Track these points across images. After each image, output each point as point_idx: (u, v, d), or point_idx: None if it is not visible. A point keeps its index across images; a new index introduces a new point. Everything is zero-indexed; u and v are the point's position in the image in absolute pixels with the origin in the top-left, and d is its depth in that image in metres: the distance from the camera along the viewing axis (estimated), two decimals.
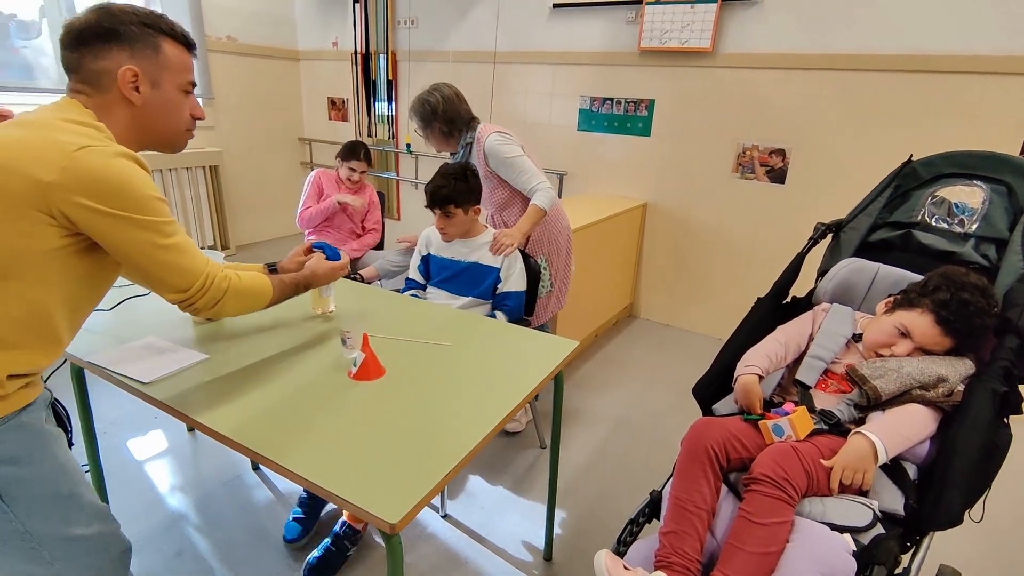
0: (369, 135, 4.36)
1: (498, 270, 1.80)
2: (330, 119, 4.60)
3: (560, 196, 3.50)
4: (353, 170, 2.66)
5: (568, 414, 2.35)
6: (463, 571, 1.57)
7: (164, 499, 1.77)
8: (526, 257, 1.86)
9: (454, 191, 1.70)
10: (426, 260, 1.92)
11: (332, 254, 1.44)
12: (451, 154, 2.09)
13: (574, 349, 1.37)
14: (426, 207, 1.77)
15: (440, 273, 1.87)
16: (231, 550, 1.59)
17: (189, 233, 3.95)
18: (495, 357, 1.29)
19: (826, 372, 1.29)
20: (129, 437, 2.06)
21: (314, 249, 1.42)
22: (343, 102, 4.46)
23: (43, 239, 0.80)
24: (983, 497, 1.12)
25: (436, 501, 1.79)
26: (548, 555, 1.61)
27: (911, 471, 1.09)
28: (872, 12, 2.46)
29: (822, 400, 1.25)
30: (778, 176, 2.85)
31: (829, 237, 1.63)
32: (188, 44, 0.99)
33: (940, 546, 1.66)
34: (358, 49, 4.14)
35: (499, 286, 1.80)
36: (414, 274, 1.93)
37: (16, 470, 0.83)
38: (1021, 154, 2.32)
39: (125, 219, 0.84)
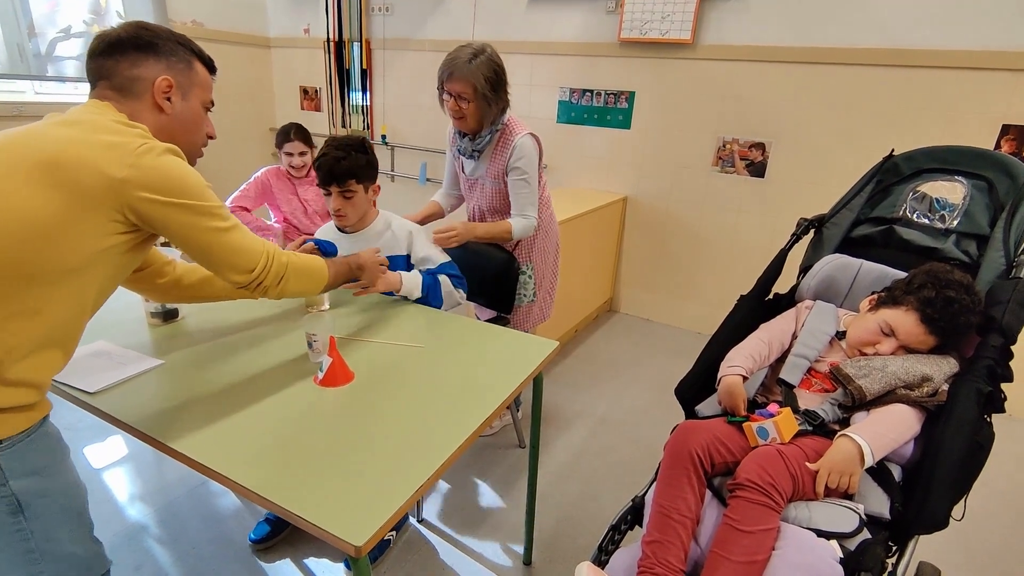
0: (343, 125, 4.24)
1: (406, 256, 1.58)
2: (303, 109, 4.45)
3: None
4: (291, 154, 2.45)
5: (547, 413, 2.31)
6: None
7: (123, 510, 1.68)
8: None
9: (355, 164, 1.44)
10: (393, 265, 1.69)
11: (330, 249, 1.40)
12: (471, 138, 1.77)
13: (554, 348, 1.32)
14: (319, 185, 1.50)
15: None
16: (195, 563, 1.51)
17: None
18: (470, 359, 1.24)
19: (810, 371, 1.27)
20: (86, 443, 1.95)
21: (315, 246, 1.39)
22: (316, 91, 4.32)
23: (101, 237, 0.82)
24: (965, 496, 1.11)
25: None
26: (528, 560, 1.57)
27: (896, 472, 1.07)
28: (854, 5, 2.45)
29: (806, 400, 1.22)
30: (758, 170, 2.83)
31: (811, 233, 1.61)
32: (212, 68, 1.04)
33: (919, 543, 1.68)
34: (331, 36, 4.00)
35: (420, 268, 1.57)
36: None
37: (40, 481, 0.82)
38: (996, 149, 2.34)
39: (189, 207, 0.87)
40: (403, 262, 1.59)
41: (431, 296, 1.50)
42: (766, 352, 1.28)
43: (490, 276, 1.86)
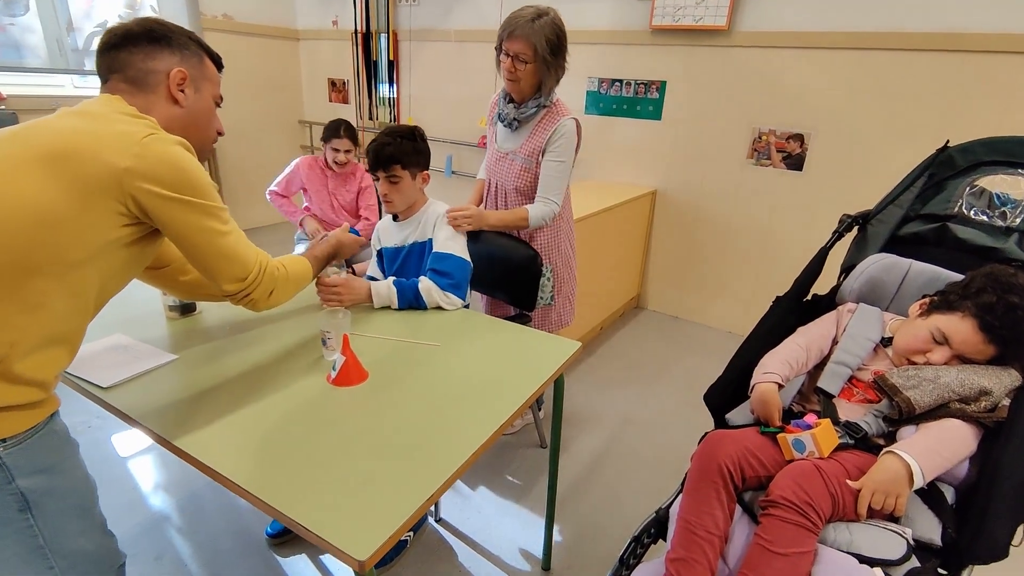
0: (370, 117, 4.23)
1: (432, 240, 1.55)
2: (330, 101, 4.47)
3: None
4: (337, 150, 2.50)
5: (570, 412, 2.25)
6: None
7: (147, 498, 1.70)
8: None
9: (400, 150, 1.46)
10: (380, 256, 1.69)
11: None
12: (516, 105, 1.70)
13: (577, 349, 1.26)
14: (367, 171, 1.53)
15: (391, 266, 1.65)
16: (213, 554, 1.51)
17: None
18: (488, 359, 1.19)
19: (851, 380, 1.18)
20: (116, 431, 1.98)
21: None
22: (344, 83, 4.32)
23: (105, 229, 0.81)
24: None
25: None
26: (547, 564, 1.53)
27: (948, 494, 0.98)
28: None
29: (847, 411, 1.14)
30: (795, 163, 2.70)
31: (855, 230, 1.50)
32: (219, 64, 1.04)
33: (983, 571, 1.57)
34: (358, 28, 3.99)
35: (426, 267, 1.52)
36: (373, 271, 1.73)
37: (48, 479, 0.81)
38: None
39: (191, 204, 0.85)
40: (428, 248, 1.56)
41: (415, 304, 1.43)
42: (804, 358, 1.20)
43: (512, 272, 1.80)
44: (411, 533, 1.57)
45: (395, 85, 4.03)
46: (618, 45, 3.01)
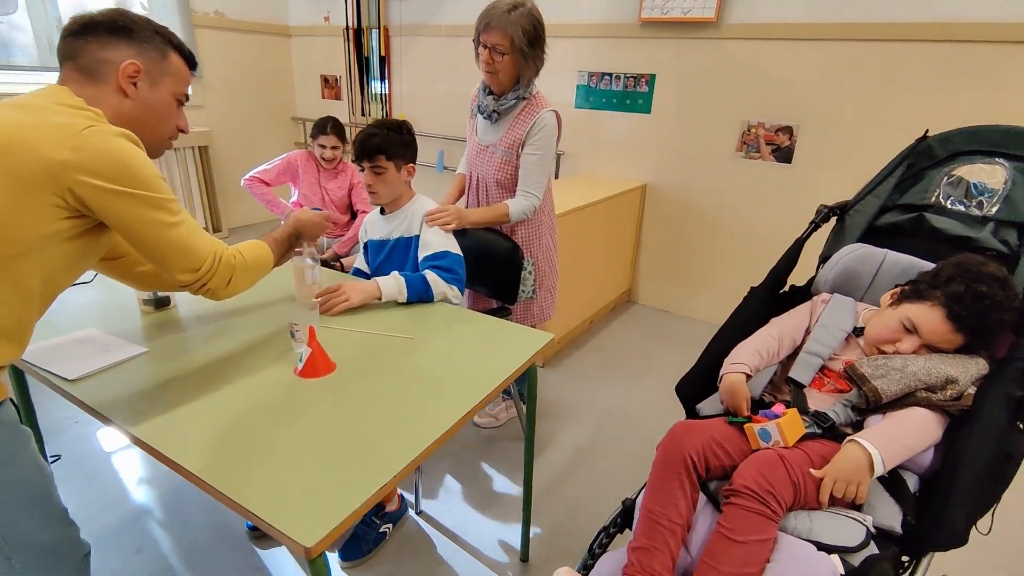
0: (363, 114, 4.23)
1: (419, 236, 1.56)
2: (323, 97, 4.47)
3: (556, 176, 3.36)
4: (324, 147, 2.51)
5: (555, 405, 2.25)
6: (435, 572, 1.49)
7: (130, 493, 1.71)
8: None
9: (386, 141, 1.48)
10: (367, 248, 1.71)
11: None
12: (496, 96, 1.70)
13: (550, 340, 1.27)
14: (353, 161, 1.54)
15: (376, 259, 1.66)
16: (193, 548, 1.52)
17: None
18: (459, 351, 1.19)
19: (823, 369, 1.18)
20: (101, 427, 1.99)
21: None
22: (336, 79, 4.32)
23: (42, 223, 0.79)
24: (992, 509, 1.01)
25: (410, 496, 1.72)
26: (524, 556, 1.53)
27: (911, 482, 0.98)
28: None
29: (817, 400, 1.14)
30: (785, 155, 2.69)
31: (833, 221, 1.50)
32: (192, 62, 1.02)
33: (944, 556, 1.56)
34: (350, 24, 3.98)
35: (420, 253, 1.53)
36: (360, 264, 1.74)
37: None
38: None
39: (134, 197, 0.84)
40: (415, 244, 1.56)
41: (422, 298, 1.42)
42: (775, 348, 1.19)
43: (493, 264, 1.80)
44: (390, 525, 1.58)
45: (387, 81, 4.02)
46: (607, 38, 3.00)
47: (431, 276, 1.43)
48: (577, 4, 3.03)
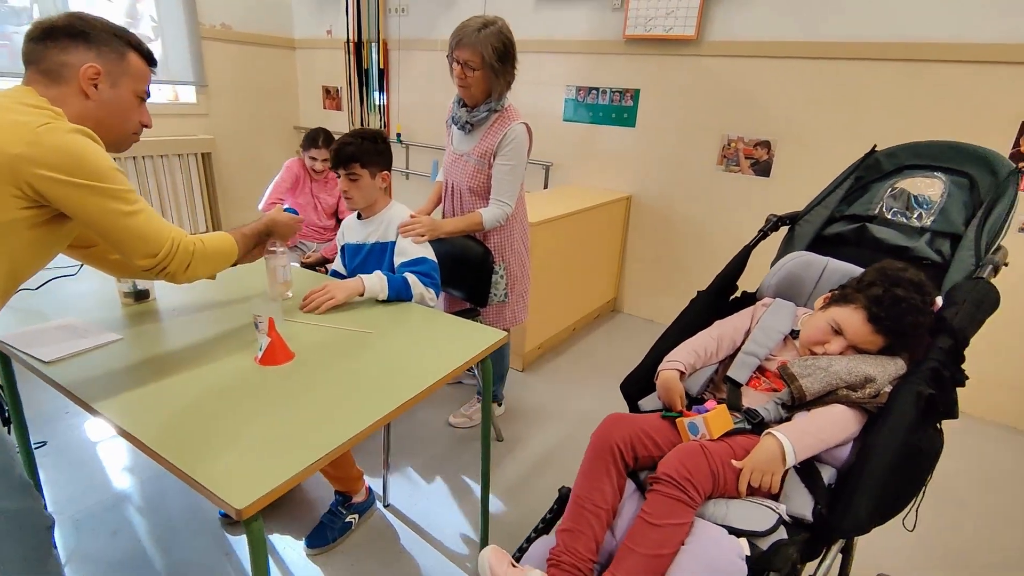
0: (362, 123, 4.35)
1: (394, 243, 1.62)
2: (325, 108, 4.60)
3: (546, 187, 3.45)
4: (314, 159, 2.59)
5: (531, 409, 2.31)
6: (397, 561, 1.54)
7: (111, 480, 1.78)
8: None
9: (360, 149, 1.55)
10: (343, 251, 1.78)
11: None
12: (469, 108, 1.79)
13: (500, 339, 1.33)
14: (331, 169, 1.63)
15: (352, 262, 1.73)
16: (167, 532, 1.59)
17: (181, 220, 4.01)
18: (415, 345, 1.26)
19: (761, 369, 1.24)
20: (89, 417, 2.07)
21: None
22: (337, 91, 4.45)
23: (4, 210, 0.85)
24: (915, 505, 1.06)
25: (379, 489, 1.78)
26: (484, 547, 1.58)
27: (827, 474, 1.03)
28: None
29: (752, 398, 1.19)
30: (763, 169, 2.75)
31: (785, 230, 1.56)
32: (151, 60, 1.07)
33: (880, 555, 1.61)
34: (350, 37, 4.12)
35: (397, 259, 1.59)
36: (337, 266, 1.82)
37: None
38: (1015, 147, 2.20)
39: (90, 188, 0.89)
40: (390, 249, 1.64)
41: (400, 296, 1.50)
42: (713, 348, 1.25)
43: (466, 268, 1.88)
44: (356, 516, 1.64)
45: (385, 93, 4.15)
46: (594, 54, 3.09)
47: (411, 278, 1.51)
48: (565, 21, 3.13)
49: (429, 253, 1.63)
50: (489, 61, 1.66)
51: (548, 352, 2.81)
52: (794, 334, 1.27)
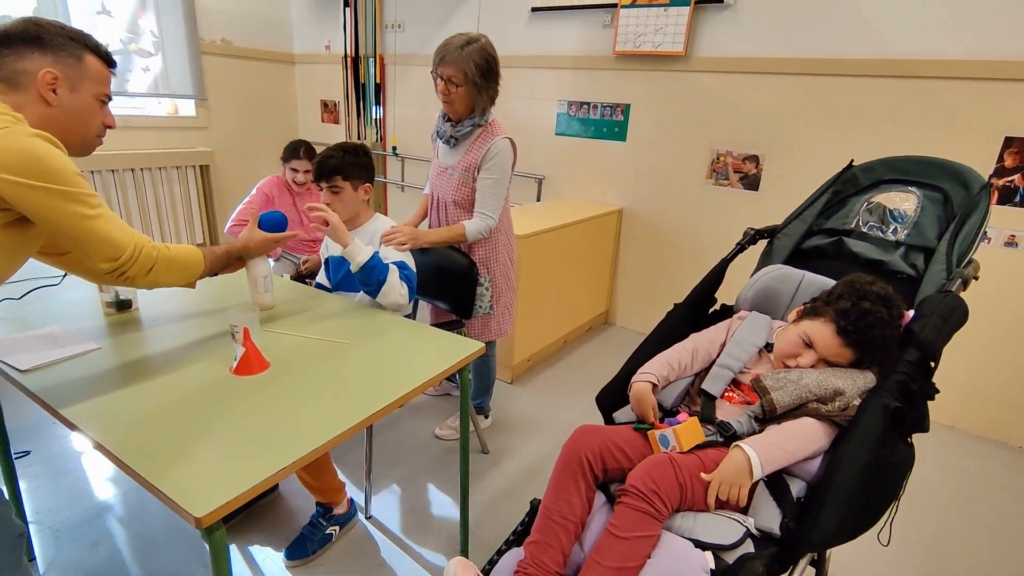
0: (359, 137, 4.40)
1: (377, 253, 1.58)
2: (323, 121, 4.65)
3: (538, 199, 3.47)
4: (296, 171, 2.54)
5: (518, 421, 2.31)
6: (377, 574, 1.54)
7: (94, 490, 1.78)
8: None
9: (342, 162, 1.58)
10: (327, 263, 1.79)
11: (278, 220, 1.46)
12: (453, 123, 1.81)
13: (478, 350, 1.33)
14: (313, 182, 1.65)
15: (336, 274, 1.74)
16: (147, 542, 1.59)
17: (179, 231, 4.04)
18: (391, 355, 1.27)
19: (736, 383, 1.24)
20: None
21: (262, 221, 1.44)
22: (335, 104, 4.51)
23: None
24: (889, 519, 1.06)
25: (361, 501, 1.77)
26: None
27: (797, 488, 1.03)
28: (847, 15, 2.39)
29: (726, 411, 1.19)
30: (752, 183, 2.77)
31: (764, 243, 1.57)
32: (109, 61, 1.07)
33: (857, 570, 1.59)
34: (348, 52, 4.18)
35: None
36: (321, 279, 1.83)
37: None
38: (999, 162, 2.22)
39: (49, 191, 0.89)
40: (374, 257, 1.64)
41: (372, 274, 1.48)
42: (688, 360, 1.26)
43: (451, 280, 1.89)
44: (337, 527, 1.63)
45: (382, 107, 4.20)
46: (585, 70, 3.14)
47: (392, 268, 1.52)
48: (557, 37, 3.18)
49: (410, 261, 1.65)
50: (472, 78, 1.69)
51: (538, 364, 2.81)
52: (769, 347, 1.27)
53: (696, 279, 3.16)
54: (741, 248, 1.50)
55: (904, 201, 1.40)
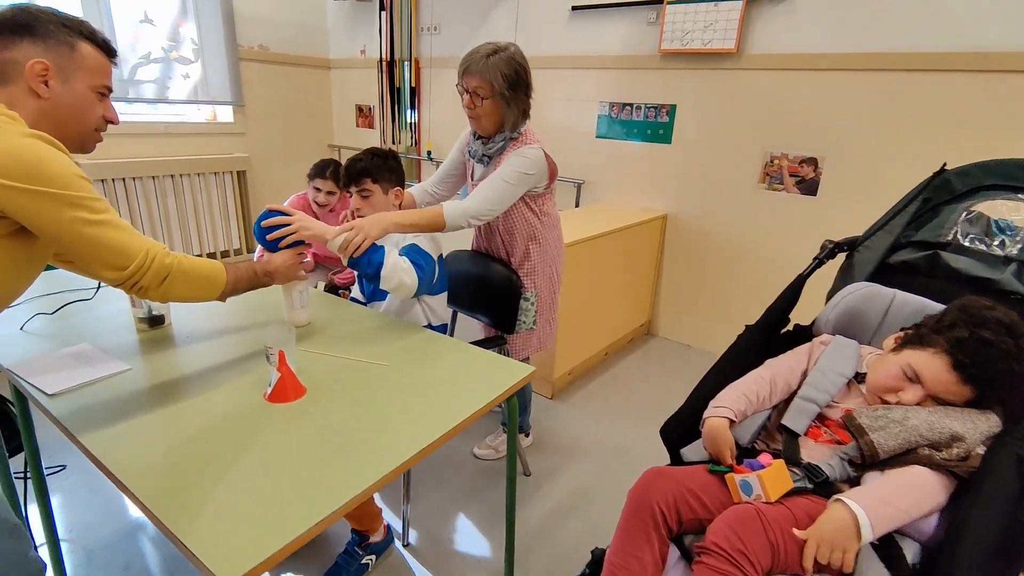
0: (393, 141, 4.35)
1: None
2: (357, 126, 4.63)
3: (577, 205, 3.34)
4: (318, 190, 2.34)
5: (560, 439, 2.18)
6: None
7: (127, 506, 1.74)
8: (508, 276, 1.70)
9: (371, 165, 1.51)
10: (360, 277, 1.72)
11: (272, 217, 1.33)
12: (483, 140, 1.66)
13: (529, 373, 1.22)
14: (342, 187, 1.56)
15: (369, 286, 1.65)
16: (179, 565, 1.53)
17: (216, 238, 4.06)
18: (434, 380, 1.17)
19: (821, 418, 1.09)
20: None
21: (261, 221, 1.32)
22: (370, 109, 4.48)
23: None
24: None
25: (399, 527, 1.68)
26: None
27: (911, 551, 0.88)
28: (921, 3, 2.19)
29: (812, 451, 1.05)
30: (809, 187, 2.59)
31: (842, 258, 1.41)
32: (108, 51, 0.98)
33: None
34: (383, 57, 4.14)
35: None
36: (356, 293, 1.74)
37: None
38: None
39: (46, 195, 0.81)
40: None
41: (362, 260, 1.36)
42: (766, 392, 1.12)
43: (491, 291, 1.78)
44: (373, 557, 1.54)
45: (416, 111, 4.14)
46: (628, 69, 3.00)
47: (391, 259, 1.37)
48: (600, 36, 3.05)
49: (425, 245, 1.51)
50: (499, 89, 1.53)
51: (579, 378, 2.68)
52: (859, 377, 1.12)
53: (746, 288, 2.97)
54: (819, 262, 1.35)
55: (1013, 211, 1.22)
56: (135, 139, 3.58)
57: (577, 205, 3.35)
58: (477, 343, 1.75)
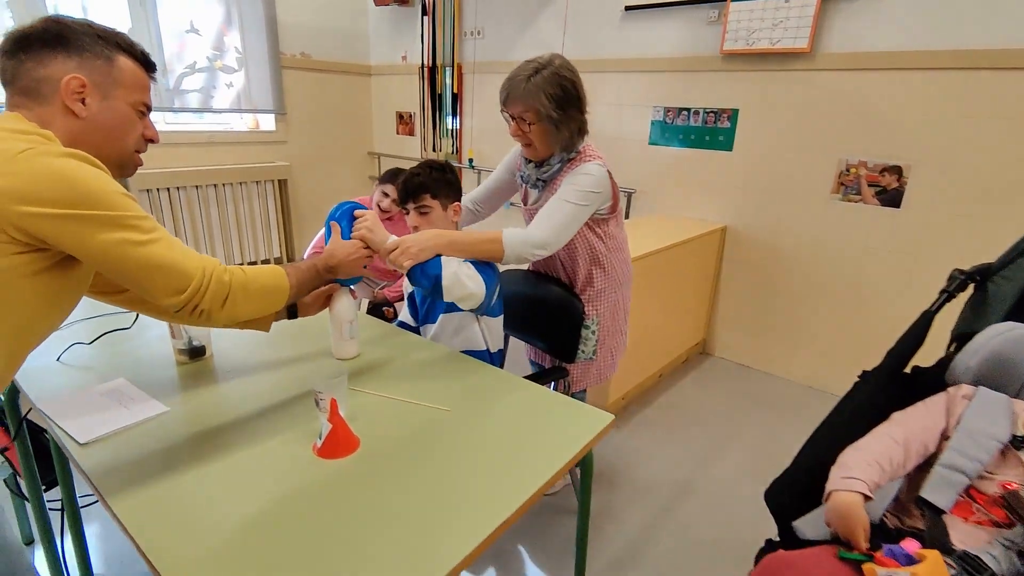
0: (434, 149, 4.26)
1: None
2: (398, 133, 4.56)
3: (627, 216, 3.17)
4: (386, 195, 2.35)
5: (617, 473, 2.02)
6: None
7: None
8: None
9: (430, 179, 1.39)
10: (411, 299, 1.60)
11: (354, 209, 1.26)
12: (537, 164, 1.52)
13: (609, 422, 1.07)
14: (398, 205, 1.43)
15: (423, 307, 1.55)
16: None
17: (257, 247, 4.04)
18: (504, 429, 1.03)
19: (969, 491, 0.90)
20: None
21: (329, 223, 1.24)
22: (410, 116, 4.40)
23: None
24: None
25: None
26: None
27: None
28: None
29: (963, 534, 0.86)
30: (891, 199, 2.35)
31: (970, 289, 1.21)
32: (148, 64, 0.91)
33: None
34: (425, 63, 4.06)
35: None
36: (405, 317, 1.62)
37: None
38: None
39: (88, 218, 0.73)
40: None
41: (422, 272, 1.24)
42: (901, 457, 0.93)
43: (548, 315, 1.64)
44: None
45: (459, 117, 4.04)
46: (685, 72, 2.81)
47: (450, 269, 1.24)
48: (654, 37, 2.88)
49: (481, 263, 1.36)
50: (546, 112, 1.37)
51: (633, 403, 2.50)
52: (1015, 442, 0.93)
53: (814, 306, 2.72)
54: (949, 296, 1.15)
55: None
56: (180, 148, 3.59)
57: (627, 217, 3.18)
58: (535, 376, 1.61)
